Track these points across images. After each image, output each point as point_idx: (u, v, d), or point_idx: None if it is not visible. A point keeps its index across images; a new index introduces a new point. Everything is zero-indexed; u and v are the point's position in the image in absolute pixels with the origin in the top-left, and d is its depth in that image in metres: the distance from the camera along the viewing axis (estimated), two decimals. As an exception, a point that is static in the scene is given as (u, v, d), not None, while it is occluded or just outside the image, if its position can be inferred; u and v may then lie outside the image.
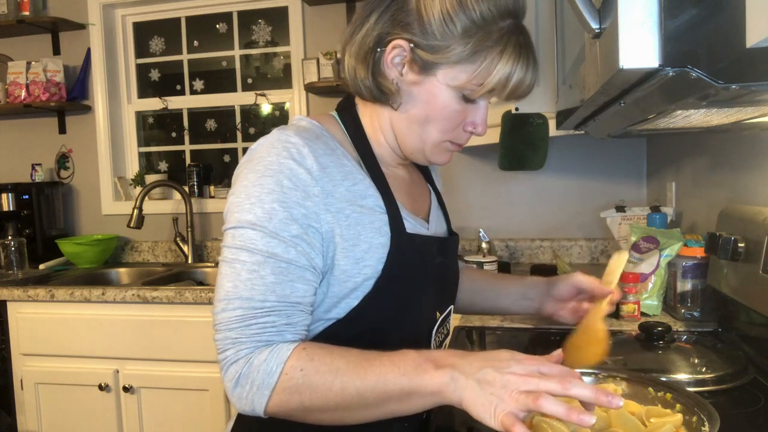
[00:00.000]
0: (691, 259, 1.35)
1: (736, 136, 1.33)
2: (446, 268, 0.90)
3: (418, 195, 0.92)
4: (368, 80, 0.79)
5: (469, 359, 0.65)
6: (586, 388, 0.60)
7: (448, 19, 0.72)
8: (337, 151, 0.78)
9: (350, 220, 0.75)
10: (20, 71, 2.70)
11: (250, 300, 0.70)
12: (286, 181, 0.71)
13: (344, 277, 0.75)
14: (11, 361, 2.19)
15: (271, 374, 0.67)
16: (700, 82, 0.50)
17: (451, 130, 0.80)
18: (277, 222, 0.70)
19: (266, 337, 0.69)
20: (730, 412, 0.81)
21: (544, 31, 1.29)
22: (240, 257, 0.71)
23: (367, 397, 0.66)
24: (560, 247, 2.36)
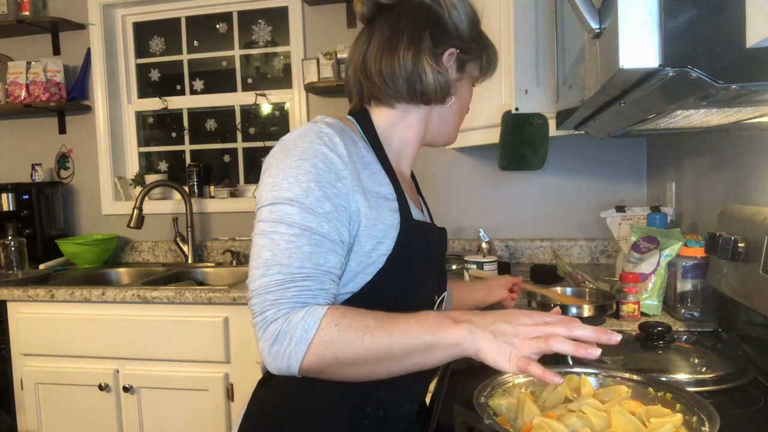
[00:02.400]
0: (691, 259, 1.35)
1: (736, 136, 1.33)
2: (442, 255, 1.01)
3: (414, 195, 1.02)
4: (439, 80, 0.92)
5: (483, 315, 0.73)
6: (588, 329, 0.69)
7: (472, 24, 0.94)
8: (358, 144, 0.88)
9: (372, 202, 0.84)
10: (20, 71, 2.70)
11: (289, 266, 0.77)
12: (320, 164, 0.80)
13: (363, 252, 0.83)
14: (11, 361, 2.19)
15: (308, 330, 0.74)
16: (700, 82, 0.50)
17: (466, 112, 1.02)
18: (313, 199, 0.79)
19: (303, 299, 0.77)
20: (730, 412, 0.81)
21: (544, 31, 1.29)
22: (279, 229, 0.78)
23: (395, 349, 0.73)
24: (560, 247, 2.36)
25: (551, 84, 1.26)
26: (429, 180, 2.47)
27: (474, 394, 0.83)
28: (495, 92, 1.85)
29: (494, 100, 1.85)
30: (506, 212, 2.43)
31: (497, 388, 0.89)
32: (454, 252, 2.41)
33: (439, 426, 0.88)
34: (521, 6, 1.32)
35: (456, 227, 2.47)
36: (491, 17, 1.83)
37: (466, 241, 2.44)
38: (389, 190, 0.88)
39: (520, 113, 1.36)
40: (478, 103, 1.96)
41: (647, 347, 1.11)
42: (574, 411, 0.81)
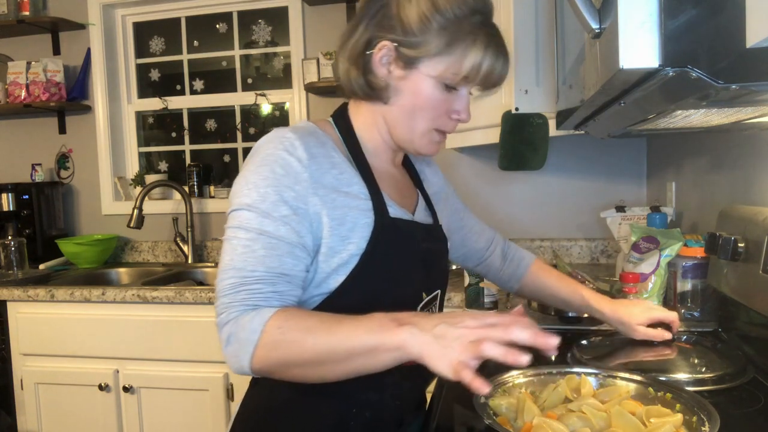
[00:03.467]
0: (691, 259, 1.35)
1: (736, 136, 1.33)
2: (433, 253, 0.98)
3: (406, 192, 1.01)
4: (360, 79, 0.90)
5: (429, 317, 0.71)
6: (525, 332, 0.67)
7: (424, 19, 0.84)
8: (327, 145, 0.88)
9: (336, 202, 0.84)
10: (20, 71, 2.70)
11: (243, 270, 0.79)
12: (278, 169, 0.82)
13: (331, 252, 0.84)
14: (11, 361, 2.19)
15: (254, 332, 0.76)
16: (700, 82, 0.50)
17: (436, 118, 0.90)
18: (269, 203, 0.81)
19: (253, 302, 0.78)
20: (730, 412, 0.81)
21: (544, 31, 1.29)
22: (237, 234, 0.81)
23: (337, 352, 0.73)
24: (560, 247, 2.36)
25: (551, 84, 1.26)
26: (429, 180, 2.47)
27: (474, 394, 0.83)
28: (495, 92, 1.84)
29: (494, 100, 1.85)
30: (506, 212, 2.43)
31: (497, 388, 0.89)
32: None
33: (439, 426, 0.88)
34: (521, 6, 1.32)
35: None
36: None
37: (466, 241, 2.44)
38: (361, 188, 0.88)
39: (520, 113, 1.36)
40: (478, 102, 1.96)
41: (647, 347, 1.11)
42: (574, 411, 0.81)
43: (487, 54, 0.85)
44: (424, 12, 0.84)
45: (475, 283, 1.56)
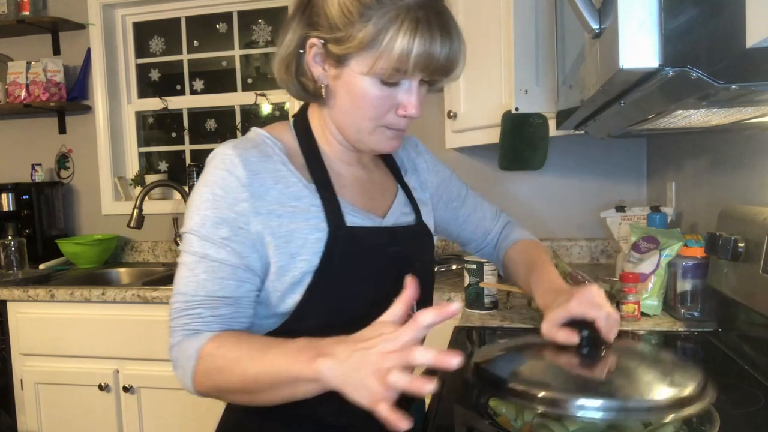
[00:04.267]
0: (691, 259, 1.35)
1: (736, 136, 1.33)
2: (402, 256, 0.92)
3: (375, 192, 0.96)
4: (294, 81, 0.88)
5: (344, 345, 0.67)
6: (426, 355, 0.62)
7: (346, 11, 0.77)
8: (273, 158, 0.84)
9: (282, 219, 0.82)
10: (20, 71, 2.70)
11: (185, 294, 0.80)
12: (218, 190, 0.80)
13: (282, 271, 0.82)
14: (11, 361, 2.19)
15: (190, 358, 0.77)
16: (700, 82, 0.50)
17: (381, 116, 0.83)
18: (210, 226, 0.80)
19: (194, 327, 0.79)
20: (730, 412, 0.81)
21: (544, 31, 1.29)
22: (183, 259, 0.82)
23: (262, 381, 0.72)
24: (560, 247, 2.36)
25: (551, 84, 1.26)
26: (429, 180, 2.46)
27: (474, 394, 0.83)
28: (495, 92, 1.85)
29: (494, 100, 1.85)
30: (507, 212, 2.43)
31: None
32: (454, 252, 2.40)
33: (439, 426, 0.88)
34: (521, 6, 1.32)
35: (456, 227, 2.47)
36: (491, 17, 1.83)
37: (466, 241, 2.44)
38: (312, 201, 0.84)
39: (520, 113, 1.36)
40: (478, 102, 1.96)
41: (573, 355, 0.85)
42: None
43: (417, 39, 0.76)
44: (345, 3, 0.77)
45: (475, 283, 1.56)
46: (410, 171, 1.05)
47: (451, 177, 1.14)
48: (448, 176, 1.13)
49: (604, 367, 0.82)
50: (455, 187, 1.15)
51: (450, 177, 1.14)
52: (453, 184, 1.14)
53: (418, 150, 1.10)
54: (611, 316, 0.84)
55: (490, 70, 1.86)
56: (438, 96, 2.29)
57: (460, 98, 2.03)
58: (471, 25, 1.95)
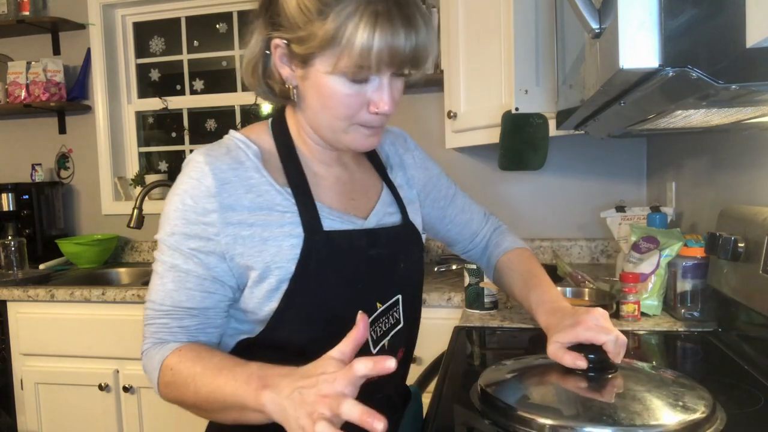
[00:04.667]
0: (691, 259, 1.35)
1: (736, 136, 1.33)
2: (384, 258, 0.90)
3: (357, 193, 0.93)
4: (260, 84, 0.86)
5: (289, 380, 0.66)
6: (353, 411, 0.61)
7: (302, 5, 0.75)
8: (246, 164, 0.82)
9: (254, 228, 0.80)
10: (20, 71, 2.70)
11: (154, 303, 0.81)
12: (188, 200, 0.79)
13: (258, 279, 0.81)
14: (11, 361, 2.19)
15: (154, 369, 0.79)
16: (700, 82, 0.50)
17: (354, 115, 0.80)
18: (179, 236, 0.79)
19: (160, 336, 0.80)
20: (730, 412, 0.81)
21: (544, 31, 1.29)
22: (155, 266, 0.82)
23: (212, 402, 0.73)
24: (560, 247, 2.36)
25: (551, 84, 1.25)
26: (429, 180, 2.47)
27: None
28: (495, 92, 1.85)
29: (494, 100, 1.85)
30: (506, 212, 2.43)
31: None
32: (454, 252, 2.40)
33: (439, 426, 0.88)
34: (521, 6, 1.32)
35: (456, 227, 2.47)
36: (491, 17, 1.83)
37: (466, 241, 2.44)
38: (287, 207, 0.82)
39: (520, 113, 1.35)
40: (478, 103, 1.96)
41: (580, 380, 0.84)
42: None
43: (377, 33, 0.72)
44: (302, 0, 0.74)
45: (475, 283, 1.56)
46: (396, 167, 1.02)
47: (439, 175, 1.11)
48: (436, 174, 1.10)
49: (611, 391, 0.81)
50: (444, 185, 1.12)
51: (438, 175, 1.11)
52: (441, 182, 1.11)
53: (407, 146, 1.07)
54: (619, 339, 0.84)
55: (490, 70, 1.86)
56: (438, 96, 2.29)
57: (460, 98, 2.03)
58: (471, 26, 1.95)
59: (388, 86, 0.79)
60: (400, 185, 1.00)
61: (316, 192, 0.86)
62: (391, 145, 1.04)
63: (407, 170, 1.04)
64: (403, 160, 1.04)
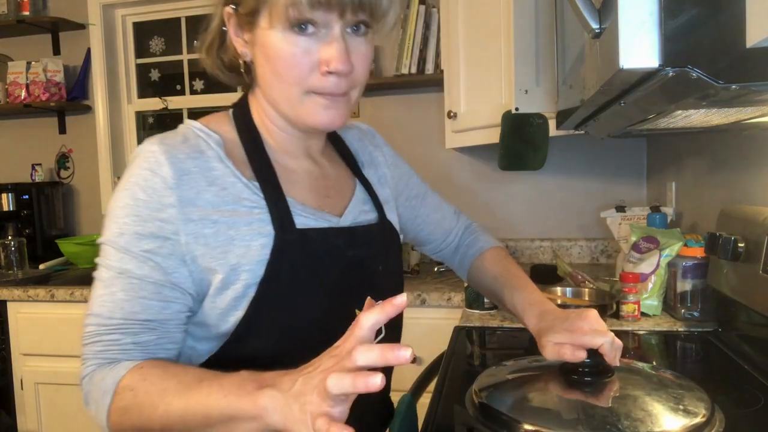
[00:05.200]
0: (691, 259, 1.35)
1: (736, 136, 1.33)
2: (362, 260, 0.81)
3: (330, 189, 0.85)
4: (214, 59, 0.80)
5: (292, 374, 0.58)
6: (371, 353, 0.53)
7: None
8: (207, 153, 0.73)
9: (218, 226, 0.70)
10: (20, 71, 2.70)
11: (100, 317, 0.69)
12: (140, 194, 0.69)
13: (222, 286, 0.71)
14: (11, 361, 2.19)
15: (106, 394, 0.66)
16: (700, 82, 0.50)
17: (305, 78, 0.71)
18: (129, 237, 0.69)
19: (110, 355, 0.68)
20: (730, 412, 0.81)
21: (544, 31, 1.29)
22: (100, 273, 0.71)
23: (189, 421, 0.62)
24: (560, 247, 2.36)
25: (551, 84, 1.25)
26: (429, 180, 2.46)
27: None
28: (495, 92, 1.85)
29: (494, 100, 1.85)
30: (506, 212, 2.43)
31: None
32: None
33: (439, 426, 0.88)
34: (521, 6, 1.32)
35: (456, 227, 2.47)
36: (491, 17, 1.83)
37: (466, 241, 2.45)
38: (254, 203, 0.73)
39: (520, 113, 1.35)
40: (478, 103, 1.96)
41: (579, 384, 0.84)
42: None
43: None
44: None
45: (475, 283, 1.56)
46: (367, 164, 0.94)
47: (410, 173, 1.05)
48: (407, 172, 1.04)
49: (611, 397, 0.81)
50: (415, 183, 1.06)
51: (409, 173, 1.05)
52: (412, 180, 1.06)
53: (375, 142, 0.99)
54: (615, 341, 0.80)
55: (490, 70, 1.86)
56: (438, 96, 2.29)
57: (460, 98, 2.04)
58: (471, 26, 1.95)
59: (340, 39, 0.69)
60: (373, 182, 0.93)
61: (287, 187, 0.77)
62: (359, 141, 0.96)
63: (378, 168, 0.96)
64: (374, 157, 0.97)
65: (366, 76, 0.75)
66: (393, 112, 2.46)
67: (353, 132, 0.98)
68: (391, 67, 2.42)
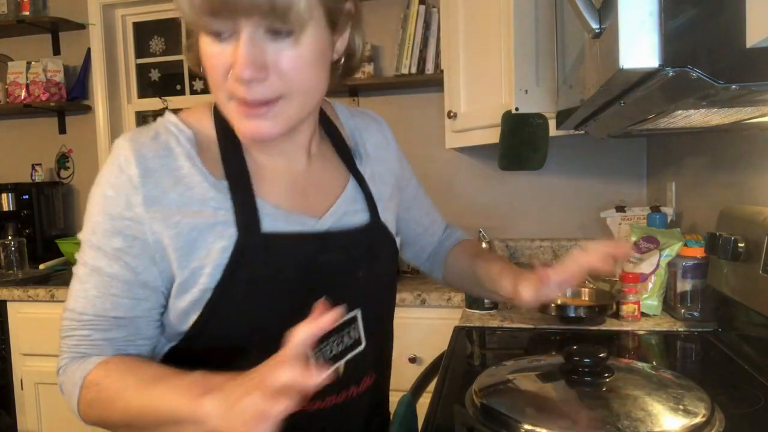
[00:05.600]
0: (691, 259, 1.35)
1: (736, 136, 1.33)
2: (336, 266, 0.77)
3: (312, 188, 0.79)
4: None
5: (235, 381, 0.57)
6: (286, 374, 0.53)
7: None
8: (175, 151, 0.70)
9: (182, 227, 0.69)
10: (20, 71, 2.70)
11: (73, 312, 0.71)
12: (109, 191, 0.69)
13: (182, 288, 0.70)
14: (11, 361, 2.19)
15: (75, 386, 0.69)
16: (700, 82, 0.50)
17: (221, 84, 0.67)
18: (101, 235, 0.69)
19: (82, 350, 0.71)
20: (730, 412, 0.81)
21: (544, 31, 1.29)
22: (77, 269, 0.72)
23: (145, 417, 0.63)
24: (560, 247, 2.36)
25: (551, 84, 1.25)
26: (429, 180, 2.46)
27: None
28: (495, 92, 1.85)
29: (494, 100, 1.85)
30: (506, 212, 2.43)
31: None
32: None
33: (439, 426, 0.88)
34: (521, 6, 1.32)
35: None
36: (491, 17, 1.83)
37: (466, 241, 2.45)
38: (220, 203, 0.70)
39: (520, 113, 1.35)
40: (478, 103, 1.96)
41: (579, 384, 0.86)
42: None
43: None
44: None
45: (475, 283, 1.56)
46: (370, 158, 0.88)
47: (411, 174, 1.00)
48: (408, 171, 0.99)
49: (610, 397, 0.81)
50: (413, 185, 1.01)
51: (410, 173, 1.00)
52: (412, 182, 1.00)
53: (386, 134, 0.93)
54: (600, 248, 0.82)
55: (490, 70, 1.86)
56: (438, 96, 2.29)
57: (460, 98, 2.04)
58: (471, 26, 1.95)
59: (244, 45, 0.62)
60: (371, 178, 0.86)
61: (260, 186, 0.74)
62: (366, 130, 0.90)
63: (383, 162, 0.90)
64: (380, 150, 0.90)
65: (307, 83, 0.67)
66: (393, 112, 2.46)
67: (361, 120, 0.91)
68: (391, 67, 2.42)
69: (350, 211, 0.81)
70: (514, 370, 0.95)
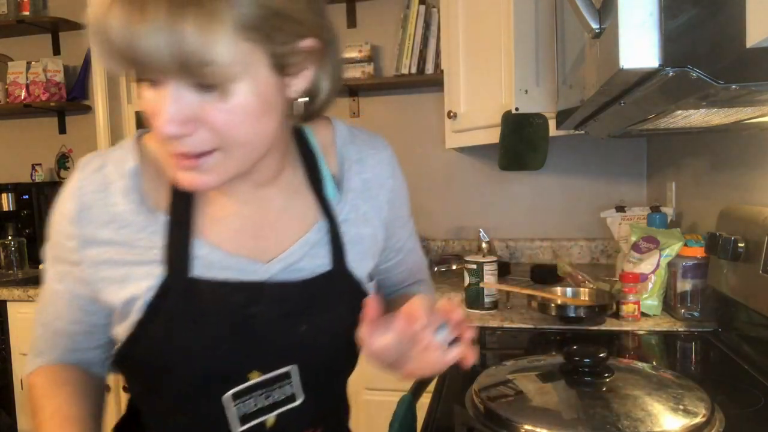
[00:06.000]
0: (691, 259, 1.35)
1: (736, 136, 1.33)
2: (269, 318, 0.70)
3: (267, 228, 0.72)
4: None
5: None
6: None
7: None
8: (112, 187, 0.68)
9: (114, 261, 0.67)
10: (20, 71, 2.70)
11: (36, 313, 0.77)
12: (56, 216, 0.72)
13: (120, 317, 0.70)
14: (11, 361, 2.19)
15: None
16: (700, 82, 0.50)
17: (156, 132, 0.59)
18: (50, 255, 0.73)
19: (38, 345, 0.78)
20: (730, 412, 0.81)
21: (544, 31, 1.29)
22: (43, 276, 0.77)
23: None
24: (560, 247, 2.36)
25: (551, 84, 1.25)
26: (429, 180, 2.47)
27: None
28: (495, 92, 1.85)
29: (494, 100, 1.85)
30: (506, 212, 2.43)
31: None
32: (454, 252, 2.40)
33: (439, 426, 0.88)
34: (521, 6, 1.32)
35: (456, 227, 2.47)
36: (491, 17, 1.83)
37: (466, 241, 2.44)
38: (153, 241, 0.67)
39: (520, 113, 1.35)
40: (478, 103, 1.96)
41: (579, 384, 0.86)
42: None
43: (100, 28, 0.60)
44: None
45: (475, 283, 1.56)
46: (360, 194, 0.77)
47: (406, 220, 0.85)
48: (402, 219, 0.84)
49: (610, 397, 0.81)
50: (404, 235, 0.86)
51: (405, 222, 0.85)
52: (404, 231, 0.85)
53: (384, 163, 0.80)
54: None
55: (490, 70, 1.86)
56: (438, 96, 2.29)
57: (460, 98, 2.04)
58: (471, 26, 1.95)
59: (168, 98, 0.56)
60: (348, 218, 0.75)
61: (204, 223, 0.69)
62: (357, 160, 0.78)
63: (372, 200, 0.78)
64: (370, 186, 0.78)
65: (244, 137, 0.59)
66: (393, 112, 2.46)
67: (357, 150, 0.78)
68: (391, 67, 2.42)
69: (309, 255, 0.72)
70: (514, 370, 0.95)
